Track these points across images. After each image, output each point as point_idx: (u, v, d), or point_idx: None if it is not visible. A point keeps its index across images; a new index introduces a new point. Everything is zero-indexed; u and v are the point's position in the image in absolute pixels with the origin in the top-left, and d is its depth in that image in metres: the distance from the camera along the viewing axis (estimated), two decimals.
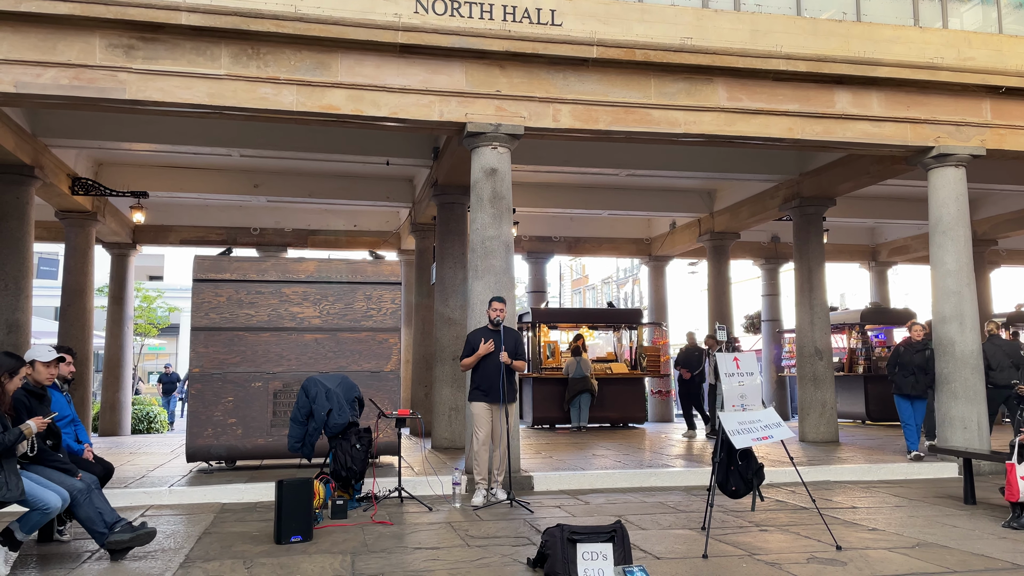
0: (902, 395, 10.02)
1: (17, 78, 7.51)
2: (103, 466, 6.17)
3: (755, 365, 6.22)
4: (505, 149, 8.68)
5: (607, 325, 17.63)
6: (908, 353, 9.98)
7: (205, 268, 9.05)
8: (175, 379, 23.27)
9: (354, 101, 8.22)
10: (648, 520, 6.63)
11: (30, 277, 10.91)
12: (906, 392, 9.94)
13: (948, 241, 9.64)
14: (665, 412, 18.35)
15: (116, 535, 5.20)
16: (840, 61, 9.07)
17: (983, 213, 16.35)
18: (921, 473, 9.34)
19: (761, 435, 5.82)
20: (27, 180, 10.71)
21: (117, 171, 13.27)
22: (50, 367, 5.62)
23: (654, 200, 15.52)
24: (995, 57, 9.58)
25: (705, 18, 8.91)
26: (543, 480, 8.41)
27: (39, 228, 13.05)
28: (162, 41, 7.76)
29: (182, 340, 31.95)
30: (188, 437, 8.82)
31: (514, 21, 8.41)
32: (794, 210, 12.83)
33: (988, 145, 9.72)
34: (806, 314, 12.55)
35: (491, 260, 8.50)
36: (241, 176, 13.53)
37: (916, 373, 9.85)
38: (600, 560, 4.70)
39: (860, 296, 30.74)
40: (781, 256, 18.90)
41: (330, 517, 6.71)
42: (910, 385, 9.89)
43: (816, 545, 5.69)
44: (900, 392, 10.02)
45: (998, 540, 5.90)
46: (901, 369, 9.98)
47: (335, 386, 7.57)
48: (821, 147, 9.83)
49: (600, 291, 49.88)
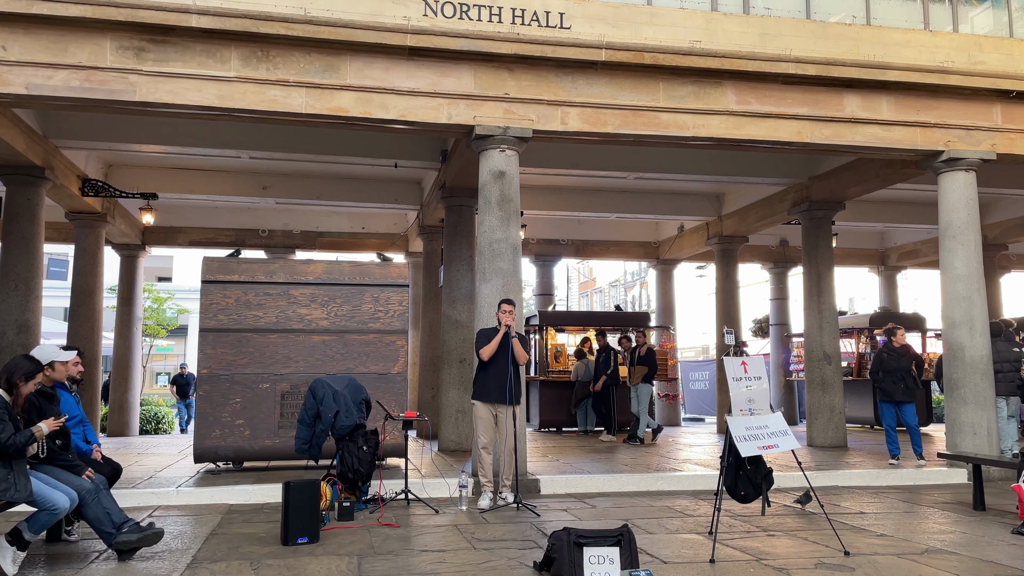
0: (889, 400, 10.01)
1: (29, 80, 7.56)
2: (111, 466, 6.19)
3: (763, 369, 6.19)
4: (513, 152, 8.68)
5: (615, 329, 17.59)
6: (893, 359, 9.97)
7: (214, 269, 9.08)
8: (191, 380, 19.65)
9: (363, 103, 8.23)
10: (655, 524, 6.61)
11: (40, 278, 10.96)
12: (897, 398, 9.93)
13: (958, 245, 9.59)
14: (673, 415, 18.32)
15: (124, 535, 5.22)
16: (850, 65, 9.05)
17: (993, 217, 16.27)
18: (930, 479, 9.28)
19: (767, 443, 5.78)
20: (38, 181, 10.77)
21: (127, 172, 13.33)
22: (68, 364, 5.82)
23: (662, 203, 15.50)
24: (1006, 61, 9.54)
25: (714, 21, 8.90)
26: (550, 483, 8.40)
27: (49, 229, 13.14)
28: (172, 43, 7.79)
29: (191, 341, 32.09)
30: (196, 438, 8.84)
31: (523, 24, 8.41)
32: (803, 214, 12.79)
33: (998, 149, 9.67)
34: (815, 318, 12.51)
35: (499, 263, 8.50)
36: (250, 178, 13.58)
37: (905, 378, 9.85)
38: (607, 564, 4.69)
39: (869, 300, 30.63)
40: (790, 260, 18.84)
41: (337, 519, 6.71)
42: (900, 391, 9.88)
43: (824, 551, 5.66)
44: (888, 398, 10.01)
45: (1008, 547, 5.86)
46: (887, 375, 9.96)
47: (342, 388, 7.57)
48: (830, 151, 9.80)
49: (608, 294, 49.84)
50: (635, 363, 12.95)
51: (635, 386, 12.85)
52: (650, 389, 12.93)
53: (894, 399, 9.96)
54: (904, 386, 9.87)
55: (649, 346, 13.25)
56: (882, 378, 10.02)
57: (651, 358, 12.87)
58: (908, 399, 9.93)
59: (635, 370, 12.90)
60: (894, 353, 10.05)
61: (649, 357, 12.86)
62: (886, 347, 10.27)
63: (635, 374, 12.87)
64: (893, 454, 9.96)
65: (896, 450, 9.96)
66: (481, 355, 7.44)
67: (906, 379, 9.87)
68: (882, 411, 10.15)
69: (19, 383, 5.04)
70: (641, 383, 12.78)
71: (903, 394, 9.89)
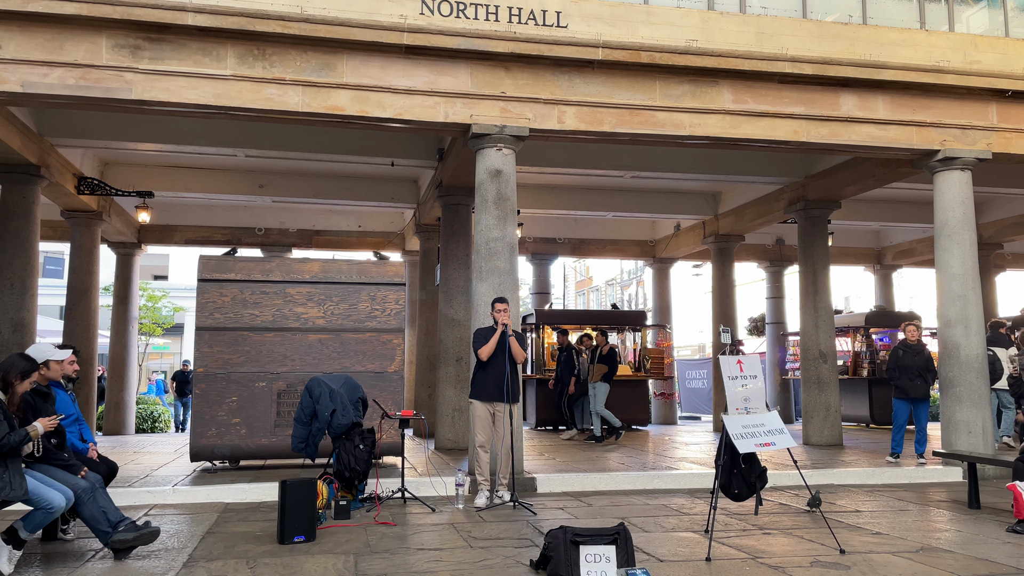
0: (905, 398, 10.01)
1: (24, 78, 7.54)
2: (107, 465, 6.19)
3: (759, 368, 6.21)
4: (510, 150, 8.68)
5: (611, 327, 17.61)
6: (908, 356, 9.97)
7: (210, 268, 9.07)
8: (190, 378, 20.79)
9: (359, 102, 8.23)
10: (651, 522, 6.62)
11: (36, 276, 10.94)
12: (911, 395, 9.93)
13: (953, 244, 9.62)
14: (669, 414, 18.34)
15: (120, 534, 5.21)
16: (846, 64, 9.06)
17: (989, 217, 16.30)
18: (925, 477, 9.31)
19: (764, 441, 5.80)
20: (33, 179, 10.75)
21: (123, 171, 13.30)
22: (63, 362, 5.85)
23: (658, 202, 15.51)
24: (1002, 60, 9.56)
25: (711, 20, 8.91)
26: (546, 482, 8.41)
27: (45, 227, 13.11)
28: (168, 41, 7.78)
29: (187, 340, 32.02)
30: (192, 436, 8.84)
31: (519, 23, 8.41)
32: (799, 213, 12.81)
33: (994, 149, 9.69)
34: (810, 317, 12.54)
35: (495, 261, 8.50)
36: (246, 176, 13.56)
37: (922, 375, 9.84)
38: (603, 562, 4.69)
39: (865, 299, 30.67)
40: (786, 259, 18.86)
41: (333, 517, 6.71)
42: (916, 388, 9.87)
43: (819, 549, 5.68)
44: (903, 395, 10.00)
45: (1002, 545, 5.88)
46: (903, 372, 9.95)
47: (339, 386, 7.57)
48: (826, 150, 9.82)
49: (604, 293, 49.88)
50: (595, 361, 12.93)
51: (593, 384, 12.83)
52: (607, 388, 12.77)
53: (909, 396, 9.95)
54: (921, 382, 9.85)
55: (612, 346, 13.25)
56: (898, 376, 10.00)
57: (612, 358, 12.82)
58: (923, 397, 9.93)
59: (595, 368, 12.85)
60: (910, 350, 10.02)
61: (610, 356, 12.80)
62: (902, 344, 10.26)
63: (595, 372, 12.84)
64: (894, 452, 9.96)
65: (898, 448, 9.96)
66: (479, 355, 7.44)
67: (924, 376, 9.84)
68: (896, 408, 10.10)
69: (15, 382, 5.04)
70: (600, 381, 12.74)
71: (918, 391, 9.88)
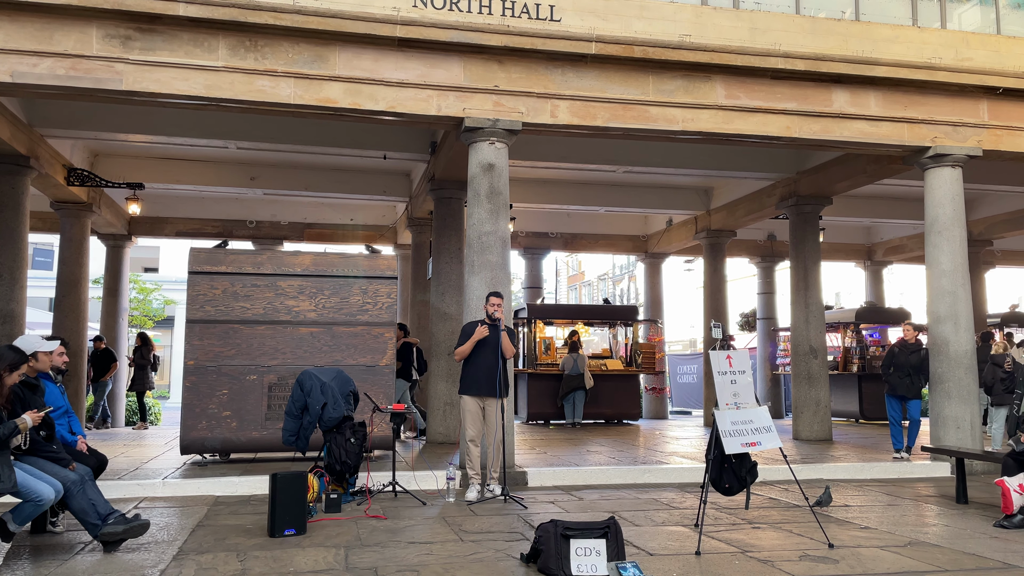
0: (895, 395, 10.09)
1: (13, 67, 7.48)
2: (97, 458, 6.16)
3: (748, 363, 6.22)
4: (503, 144, 8.67)
5: (603, 322, 17.64)
6: (903, 354, 10.04)
7: (201, 260, 9.03)
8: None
9: (352, 94, 8.19)
10: (642, 516, 6.65)
11: (25, 268, 10.88)
12: (900, 393, 10.01)
13: (944, 241, 9.66)
14: (660, 408, 18.39)
15: (109, 527, 5.20)
16: (838, 60, 9.08)
17: (979, 213, 16.39)
18: (913, 472, 9.37)
19: (751, 440, 5.82)
20: (23, 170, 10.67)
21: (113, 162, 13.22)
22: (52, 354, 5.84)
23: (651, 197, 15.53)
24: (993, 58, 9.60)
25: (704, 15, 8.91)
26: (537, 475, 8.43)
27: (34, 219, 13.01)
28: (159, 32, 7.73)
29: (177, 332, 31.91)
30: (182, 430, 8.81)
31: (513, 16, 8.39)
32: (791, 208, 12.85)
33: (985, 146, 9.74)
34: (801, 312, 12.59)
35: (487, 255, 8.50)
36: (238, 168, 13.50)
37: (912, 374, 9.91)
38: (593, 556, 4.71)
39: (855, 295, 30.77)
40: (777, 254, 18.92)
41: (324, 511, 6.71)
42: (905, 386, 9.96)
43: (808, 543, 5.71)
44: (893, 392, 10.09)
45: (989, 539, 5.92)
46: (896, 370, 10.03)
47: (330, 380, 7.56)
48: (818, 146, 9.84)
49: (596, 287, 49.91)
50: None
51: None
52: (405, 385, 11.92)
53: (897, 393, 10.06)
54: (909, 381, 9.95)
55: (405, 340, 12.19)
56: (891, 373, 10.11)
57: (406, 352, 11.94)
58: (911, 395, 10.03)
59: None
60: (906, 349, 10.11)
61: (404, 351, 11.88)
62: (900, 342, 10.34)
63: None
64: (897, 448, 10.03)
65: (899, 444, 10.04)
66: (455, 356, 7.57)
67: (912, 375, 9.92)
68: (888, 405, 10.23)
69: (3, 374, 5.01)
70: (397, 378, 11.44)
71: (906, 389, 9.98)
